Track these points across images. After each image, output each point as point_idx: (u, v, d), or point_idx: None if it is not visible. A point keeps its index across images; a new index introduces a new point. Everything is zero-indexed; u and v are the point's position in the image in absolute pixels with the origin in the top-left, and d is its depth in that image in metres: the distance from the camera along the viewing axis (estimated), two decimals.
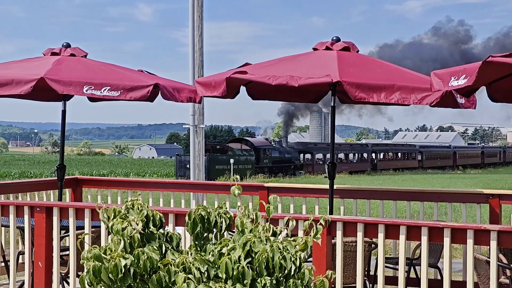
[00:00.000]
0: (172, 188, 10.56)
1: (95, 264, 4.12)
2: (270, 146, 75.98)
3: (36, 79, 7.86)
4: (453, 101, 7.57)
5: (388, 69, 8.10)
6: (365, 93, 7.24)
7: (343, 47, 8.18)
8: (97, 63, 8.99)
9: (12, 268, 7.35)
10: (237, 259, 4.13)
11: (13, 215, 7.22)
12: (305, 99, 9.79)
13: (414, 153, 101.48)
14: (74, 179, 10.61)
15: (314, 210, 9.89)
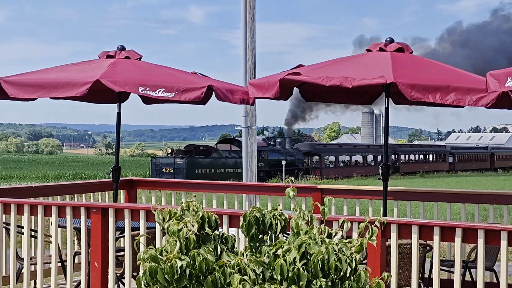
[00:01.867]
0: (225, 190, 10.59)
1: (152, 265, 4.15)
2: (267, 147, 68.15)
3: (92, 81, 7.96)
4: (509, 102, 7.47)
5: (442, 70, 8.02)
6: (421, 93, 7.18)
7: (397, 48, 8.13)
8: (151, 66, 9.06)
9: (69, 268, 7.45)
10: (292, 260, 4.13)
11: (69, 216, 7.32)
12: (358, 100, 9.75)
13: (444, 155, 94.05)
14: (128, 181, 10.71)
15: (368, 212, 9.84)
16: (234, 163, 62.33)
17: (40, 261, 7.56)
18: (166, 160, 59.63)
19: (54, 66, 9.13)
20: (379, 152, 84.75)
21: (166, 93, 8.10)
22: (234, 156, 63.07)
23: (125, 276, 7.27)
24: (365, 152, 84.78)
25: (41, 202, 7.79)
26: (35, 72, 8.91)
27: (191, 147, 64.01)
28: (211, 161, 61.43)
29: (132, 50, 9.12)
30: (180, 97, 8.20)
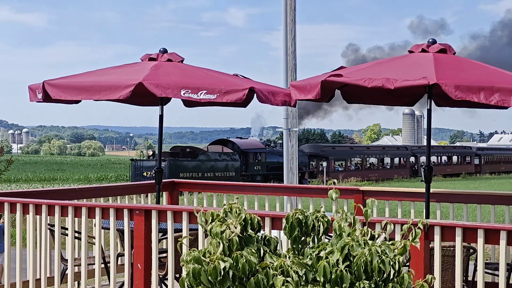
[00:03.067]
0: (267, 192, 10.60)
1: (195, 267, 4.17)
2: (263, 149, 61.93)
3: (135, 84, 8.04)
4: None
5: (486, 71, 7.95)
6: (465, 94, 7.12)
7: (439, 49, 8.07)
8: (193, 68, 9.12)
9: (112, 270, 7.52)
10: (335, 262, 4.12)
11: (113, 217, 7.38)
12: (400, 102, 9.70)
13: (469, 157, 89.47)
14: (170, 182, 10.77)
15: (409, 214, 9.78)
16: (225, 166, 56.98)
17: (84, 262, 7.63)
18: (147, 163, 53.72)
19: (97, 69, 9.23)
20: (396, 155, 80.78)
21: (208, 95, 8.14)
22: (225, 159, 57.58)
23: (168, 278, 7.32)
24: (380, 154, 79.59)
25: (85, 204, 7.87)
26: (79, 75, 9.02)
27: (177, 149, 58.88)
28: (198, 164, 55.30)
29: (174, 52, 9.19)
30: (222, 99, 8.23)
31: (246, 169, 58.92)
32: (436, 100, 9.02)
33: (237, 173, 56.87)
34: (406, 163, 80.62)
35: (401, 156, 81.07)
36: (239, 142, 61.06)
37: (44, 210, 7.71)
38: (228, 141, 61.84)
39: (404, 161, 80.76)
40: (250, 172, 58.66)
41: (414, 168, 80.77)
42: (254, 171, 59.30)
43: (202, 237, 7.03)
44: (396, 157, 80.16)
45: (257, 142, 64.72)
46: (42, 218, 7.81)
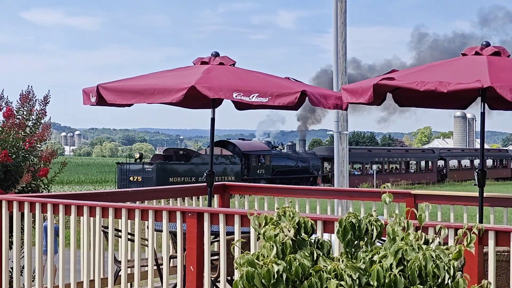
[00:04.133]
0: (318, 195, 10.60)
1: (248, 270, 4.19)
2: (268, 151, 56.83)
3: (188, 88, 8.11)
4: None
5: None
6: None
7: (493, 52, 7.99)
8: (245, 71, 9.16)
9: (165, 272, 7.58)
10: (388, 267, 4.11)
11: (165, 220, 7.44)
12: (453, 105, 9.63)
13: (505, 160, 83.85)
14: (222, 185, 10.83)
15: (462, 218, 9.69)
16: (223, 170, 51.85)
17: (137, 264, 7.71)
18: (133, 167, 50.00)
19: (150, 73, 9.33)
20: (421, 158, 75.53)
21: (260, 98, 8.18)
22: (223, 162, 52.59)
23: (220, 280, 7.36)
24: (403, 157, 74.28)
25: (138, 206, 7.94)
26: (132, 79, 9.13)
27: (170, 151, 54.93)
28: (191, 168, 50.65)
29: (226, 56, 9.24)
30: (273, 102, 8.26)
31: (248, 173, 54.13)
32: (489, 103, 8.92)
33: (238, 177, 52.06)
34: (433, 167, 75.62)
35: (427, 159, 76.08)
36: (240, 144, 56.64)
37: (98, 212, 7.80)
38: (228, 143, 57.14)
39: (430, 165, 75.81)
40: (252, 176, 53.45)
41: (443, 172, 75.95)
42: (257, 175, 54.40)
43: (254, 240, 7.05)
44: (421, 161, 75.44)
45: (261, 144, 59.92)
46: (96, 220, 7.90)
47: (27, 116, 10.62)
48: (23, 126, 10.52)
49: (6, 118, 10.45)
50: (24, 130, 10.54)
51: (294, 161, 58.68)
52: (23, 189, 9.99)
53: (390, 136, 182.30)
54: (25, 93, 10.67)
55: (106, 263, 8.24)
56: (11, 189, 10.02)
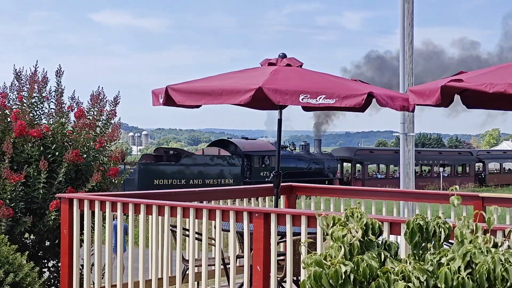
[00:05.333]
0: (384, 196, 10.56)
1: (316, 270, 4.24)
2: (273, 151, 48.14)
3: (255, 89, 8.17)
4: None
5: None
6: None
7: None
8: (312, 73, 9.19)
9: (232, 271, 7.66)
10: (456, 269, 4.11)
11: (233, 220, 7.52)
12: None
13: None
14: (288, 186, 10.88)
15: None
16: (219, 171, 47.51)
17: (204, 263, 7.80)
18: None
19: (218, 74, 9.43)
20: (457, 160, 69.18)
21: (326, 99, 8.20)
22: (219, 163, 48.00)
23: (286, 280, 7.40)
24: (435, 160, 68.13)
25: (206, 206, 8.04)
26: (200, 80, 9.23)
27: (160, 151, 50.07)
28: (180, 169, 45.91)
29: (293, 57, 9.28)
30: (340, 104, 8.27)
31: (250, 175, 48.90)
32: None
33: (237, 179, 47.28)
34: (470, 171, 69.91)
35: (463, 162, 70.23)
36: (242, 144, 50.80)
37: (167, 211, 7.92)
38: (229, 142, 51.76)
39: (467, 168, 69.98)
40: (255, 179, 47.86)
41: (481, 176, 69.85)
42: (260, 178, 48.43)
43: (320, 241, 7.08)
44: (457, 163, 69.69)
45: (266, 144, 53.23)
46: (164, 219, 8.03)
47: (98, 117, 10.83)
48: (94, 126, 10.72)
49: (77, 118, 10.67)
50: (94, 130, 10.75)
51: (306, 163, 53.34)
52: (93, 188, 10.19)
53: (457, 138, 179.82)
54: (96, 93, 10.87)
55: (174, 262, 8.36)
56: (82, 188, 10.24)
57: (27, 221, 9.81)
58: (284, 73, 8.79)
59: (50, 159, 10.16)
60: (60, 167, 10.11)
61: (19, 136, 10.07)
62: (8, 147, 9.81)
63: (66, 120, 10.70)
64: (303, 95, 8.20)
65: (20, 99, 10.60)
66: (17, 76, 10.70)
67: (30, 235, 10.43)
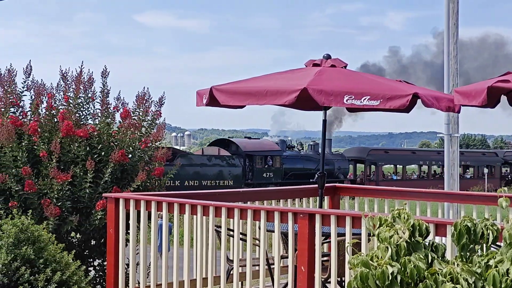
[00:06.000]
0: (428, 198, 10.49)
1: (362, 270, 4.24)
2: (278, 152, 48.03)
3: (300, 90, 8.17)
4: None
5: None
6: None
7: None
8: (357, 74, 9.18)
9: (276, 271, 7.67)
10: (505, 272, 4.08)
11: (277, 220, 7.54)
12: None
13: None
14: (332, 187, 10.88)
15: None
16: (218, 172, 44.90)
17: (249, 263, 7.83)
18: None
19: (263, 75, 9.46)
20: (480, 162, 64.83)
21: (371, 101, 8.17)
22: (218, 164, 45.33)
23: (331, 281, 7.40)
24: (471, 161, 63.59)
25: (250, 206, 8.06)
26: (244, 81, 9.26)
27: None
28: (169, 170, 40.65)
29: (338, 58, 9.27)
30: (385, 105, 8.24)
31: (252, 177, 46.25)
32: None
33: (238, 181, 44.58)
34: (495, 172, 65.44)
35: (488, 163, 65.82)
36: (243, 143, 48.08)
37: (212, 211, 7.96)
38: (230, 142, 48.37)
39: (492, 169, 65.41)
40: (257, 181, 45.75)
41: (508, 178, 66.07)
42: (263, 179, 46.38)
43: (364, 241, 7.06)
44: (481, 165, 65.52)
45: (270, 144, 50.02)
46: (209, 219, 8.07)
47: (143, 117, 10.92)
48: (139, 127, 10.82)
49: (123, 118, 10.78)
50: (140, 130, 10.85)
51: (315, 163, 49.44)
52: (138, 188, 10.29)
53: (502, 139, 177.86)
54: (141, 94, 10.97)
55: (219, 262, 8.40)
56: (127, 187, 10.34)
57: (74, 220, 9.94)
58: (328, 74, 8.78)
59: (96, 159, 10.28)
60: (106, 167, 10.22)
61: (66, 136, 10.20)
62: (56, 147, 9.95)
63: (112, 120, 10.82)
64: (348, 96, 8.18)
65: (67, 99, 10.74)
66: (63, 77, 10.84)
67: (77, 234, 10.56)
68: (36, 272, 8.07)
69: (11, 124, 10.05)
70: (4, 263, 7.96)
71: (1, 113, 10.44)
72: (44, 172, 10.07)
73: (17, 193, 9.91)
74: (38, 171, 10.18)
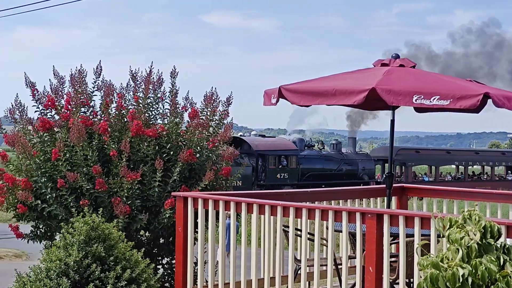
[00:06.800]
0: (499, 199, 10.32)
1: (433, 272, 4.20)
2: (293, 151, 44.35)
3: (369, 89, 8.13)
4: None
5: None
6: None
7: None
8: (425, 73, 9.10)
9: (344, 272, 7.65)
10: None
11: (345, 220, 7.51)
12: None
13: None
14: (400, 187, 10.80)
15: None
16: None
17: (316, 263, 7.82)
18: None
19: (331, 75, 9.44)
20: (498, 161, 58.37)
21: (440, 100, 8.08)
22: None
23: (399, 282, 7.34)
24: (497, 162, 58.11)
25: (318, 206, 8.05)
26: (312, 81, 9.26)
27: None
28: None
29: (407, 58, 9.21)
30: (455, 105, 8.13)
31: (265, 178, 43.12)
32: None
33: (247, 181, 40.87)
34: None
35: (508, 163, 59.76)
36: (255, 142, 44.37)
37: (279, 211, 7.98)
38: (241, 141, 43.71)
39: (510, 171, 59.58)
40: (270, 182, 42.63)
41: None
42: (277, 180, 43.18)
43: (433, 243, 6.99)
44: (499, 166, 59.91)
45: (285, 142, 46.08)
46: (277, 219, 8.09)
47: (211, 117, 10.99)
48: (207, 126, 10.89)
49: (191, 118, 10.86)
50: (207, 130, 10.92)
51: (336, 163, 46.50)
52: (205, 187, 10.36)
53: None
54: (209, 94, 11.04)
55: (286, 262, 8.41)
56: (195, 186, 10.42)
57: (143, 218, 10.06)
58: (397, 74, 8.72)
59: (165, 158, 10.38)
60: (175, 166, 10.32)
61: (135, 135, 10.32)
62: (126, 146, 10.08)
63: (180, 120, 10.91)
64: (417, 96, 8.11)
65: (136, 99, 10.87)
66: (133, 77, 10.97)
67: (146, 232, 10.69)
68: (106, 270, 8.19)
69: (81, 124, 10.21)
70: (76, 260, 8.10)
71: (72, 113, 10.61)
72: (114, 171, 10.21)
73: (88, 192, 10.08)
74: (108, 170, 10.33)
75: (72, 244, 8.29)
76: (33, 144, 10.62)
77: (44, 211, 10.24)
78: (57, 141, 10.31)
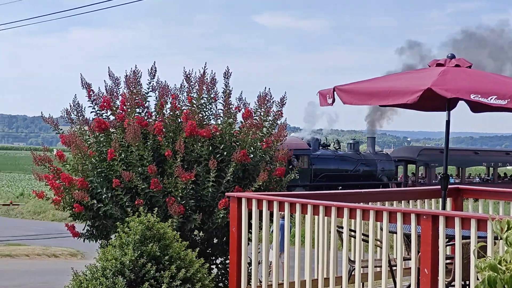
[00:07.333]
0: None
1: (490, 274, 4.15)
2: (305, 151, 41.88)
3: (424, 89, 8.07)
4: None
5: None
6: None
7: None
8: (482, 73, 8.99)
9: (399, 273, 7.61)
10: None
11: (400, 222, 7.47)
12: None
13: None
14: (455, 189, 10.70)
15: None
16: None
17: (370, 265, 7.79)
18: None
19: (385, 75, 9.42)
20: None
21: (498, 100, 7.97)
22: None
23: (455, 284, 7.27)
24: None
25: (372, 207, 8.01)
26: (366, 81, 9.22)
27: None
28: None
29: (462, 58, 9.10)
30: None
31: None
32: None
33: None
34: None
35: None
36: None
37: (334, 212, 7.96)
38: None
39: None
40: None
41: None
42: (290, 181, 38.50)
43: (490, 245, 6.91)
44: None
45: (296, 141, 41.64)
46: (331, 219, 8.07)
47: (264, 117, 11.00)
48: (261, 127, 10.91)
49: (244, 118, 10.89)
50: (261, 130, 10.94)
51: (352, 164, 44.47)
52: (259, 188, 10.38)
53: None
54: (263, 94, 11.05)
55: (340, 262, 8.39)
56: (248, 187, 10.45)
57: (197, 218, 10.12)
58: (453, 74, 8.63)
59: (219, 158, 10.43)
60: (228, 167, 10.36)
61: (189, 136, 10.39)
62: (180, 146, 10.15)
63: (234, 120, 10.94)
64: (474, 95, 8.02)
65: (190, 100, 10.93)
66: (186, 78, 11.03)
67: (200, 232, 10.75)
68: (161, 269, 8.26)
69: (137, 124, 10.32)
70: (131, 260, 8.18)
71: (127, 113, 10.72)
72: (168, 171, 10.29)
73: (143, 191, 10.17)
74: (162, 170, 10.41)
75: (128, 243, 8.37)
76: (89, 145, 10.75)
77: (99, 211, 10.37)
78: (112, 141, 10.43)
